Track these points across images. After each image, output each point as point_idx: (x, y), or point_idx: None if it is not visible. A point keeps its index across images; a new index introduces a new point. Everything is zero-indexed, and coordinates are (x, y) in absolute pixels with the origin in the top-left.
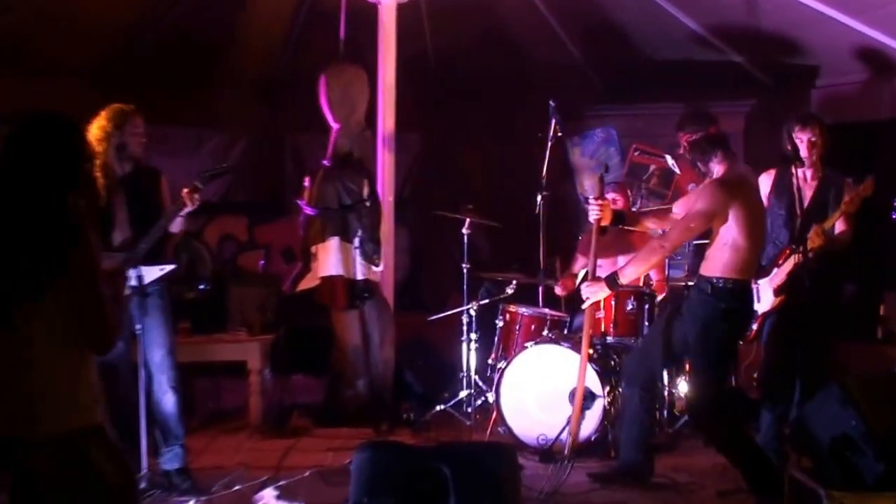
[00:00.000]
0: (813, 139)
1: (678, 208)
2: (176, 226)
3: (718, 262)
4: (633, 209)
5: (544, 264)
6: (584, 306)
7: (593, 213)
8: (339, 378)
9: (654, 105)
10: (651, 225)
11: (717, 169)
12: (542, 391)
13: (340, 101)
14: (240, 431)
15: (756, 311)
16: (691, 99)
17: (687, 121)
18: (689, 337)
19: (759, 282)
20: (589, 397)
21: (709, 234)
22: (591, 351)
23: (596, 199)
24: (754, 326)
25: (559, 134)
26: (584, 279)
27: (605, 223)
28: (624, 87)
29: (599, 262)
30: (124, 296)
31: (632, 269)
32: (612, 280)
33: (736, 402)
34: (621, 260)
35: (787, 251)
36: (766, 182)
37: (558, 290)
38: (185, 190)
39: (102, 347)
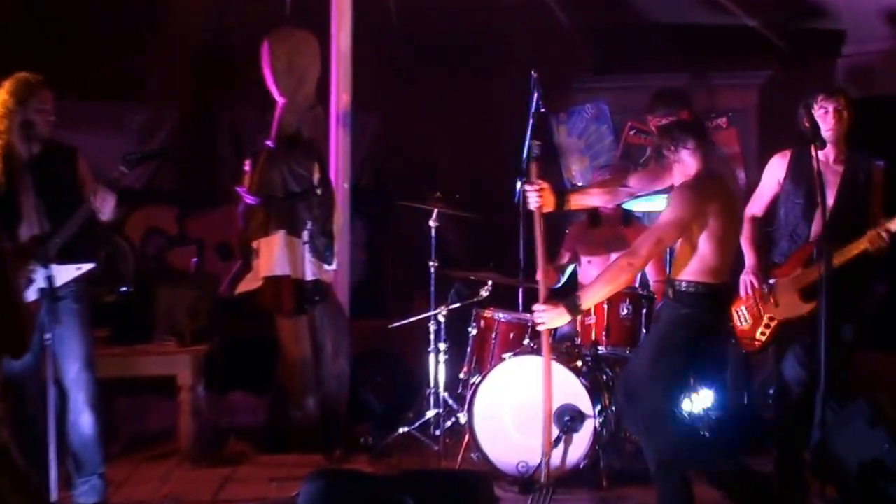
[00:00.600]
0: (839, 108)
1: (634, 181)
2: (107, 212)
3: (684, 263)
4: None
5: (525, 262)
6: (540, 330)
7: (532, 202)
8: (285, 396)
9: (653, 76)
10: (599, 201)
11: (688, 161)
12: (522, 411)
13: (286, 71)
14: (168, 458)
15: (771, 318)
16: (697, 69)
17: (657, 102)
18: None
19: (774, 281)
20: (577, 418)
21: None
22: (579, 363)
23: (531, 183)
24: (766, 338)
25: (542, 110)
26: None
27: (547, 209)
28: (618, 55)
29: (589, 259)
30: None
31: (595, 292)
32: (572, 304)
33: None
34: (612, 255)
35: (810, 248)
36: (779, 165)
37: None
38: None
39: (19, 350)
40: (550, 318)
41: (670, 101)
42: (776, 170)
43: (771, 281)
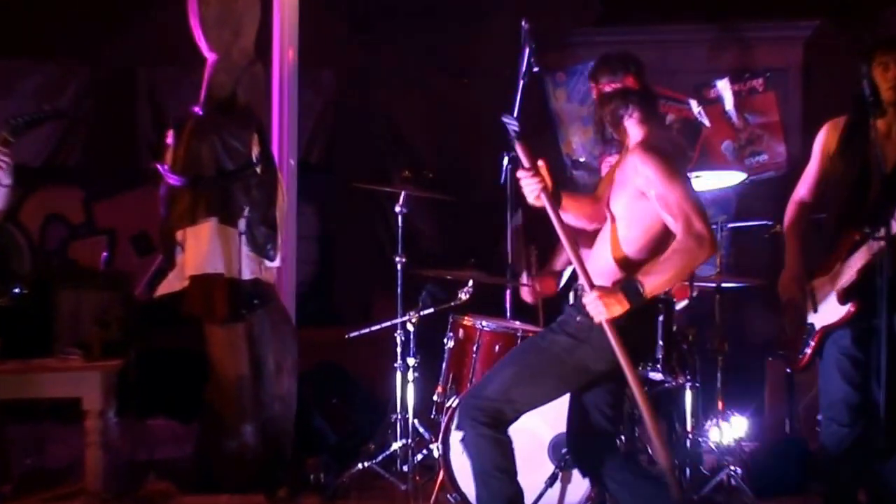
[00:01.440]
0: None
1: (617, 195)
2: None
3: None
4: None
5: (514, 257)
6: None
7: (530, 192)
8: (217, 422)
9: (672, 28)
10: (576, 220)
11: (632, 133)
12: (512, 440)
13: (219, 20)
14: (72, 499)
15: (812, 326)
16: (727, 20)
17: (599, 67)
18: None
19: (816, 283)
20: None
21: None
22: None
23: (527, 169)
24: (809, 350)
25: (535, 69)
26: (573, 280)
27: (539, 203)
28: (628, 2)
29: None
30: None
31: (662, 276)
32: (631, 289)
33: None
34: None
35: (856, 236)
36: (830, 135)
37: (527, 296)
38: None
39: None
40: (606, 305)
41: (614, 65)
42: (827, 142)
43: (815, 281)
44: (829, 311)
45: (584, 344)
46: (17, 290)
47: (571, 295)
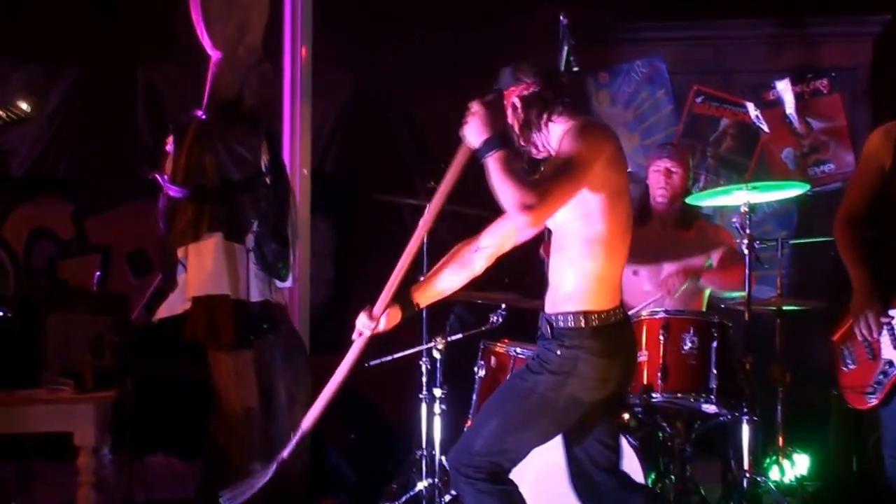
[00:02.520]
0: None
1: (487, 236)
2: None
3: (564, 285)
4: (696, 188)
5: None
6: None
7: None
8: (223, 459)
9: (729, 24)
10: (450, 283)
11: (555, 129)
12: (546, 477)
13: (224, 14)
14: None
15: (890, 363)
16: (789, 15)
17: (515, 72)
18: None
19: (893, 314)
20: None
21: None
22: (626, 416)
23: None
24: (885, 389)
25: (575, 69)
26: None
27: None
28: None
29: (635, 269)
30: None
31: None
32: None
33: None
34: (668, 266)
35: None
36: (882, 144)
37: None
38: None
39: None
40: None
41: (527, 67)
42: (878, 151)
43: (891, 312)
44: None
45: (571, 377)
46: (0, 314)
47: (546, 329)
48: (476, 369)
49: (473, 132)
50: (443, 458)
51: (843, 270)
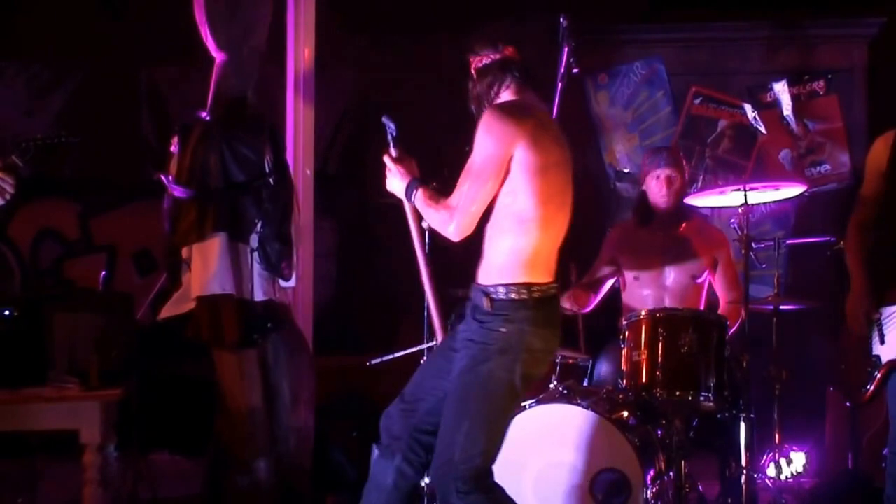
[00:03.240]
0: None
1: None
2: None
3: (497, 257)
4: (693, 189)
5: (559, 273)
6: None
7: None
8: (227, 458)
9: (726, 25)
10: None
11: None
12: (548, 477)
13: (227, 15)
14: None
15: (878, 359)
16: (786, 16)
17: (478, 41)
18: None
19: (885, 311)
20: (621, 487)
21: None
22: (624, 414)
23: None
24: (873, 384)
25: (574, 70)
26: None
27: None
28: None
29: (636, 274)
30: None
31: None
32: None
33: None
34: (669, 270)
35: None
36: (880, 151)
37: (567, 304)
38: None
39: None
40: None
41: (494, 36)
42: (877, 158)
43: (884, 310)
44: None
45: (522, 352)
46: (6, 313)
47: (482, 301)
48: None
49: (395, 185)
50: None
51: (839, 270)
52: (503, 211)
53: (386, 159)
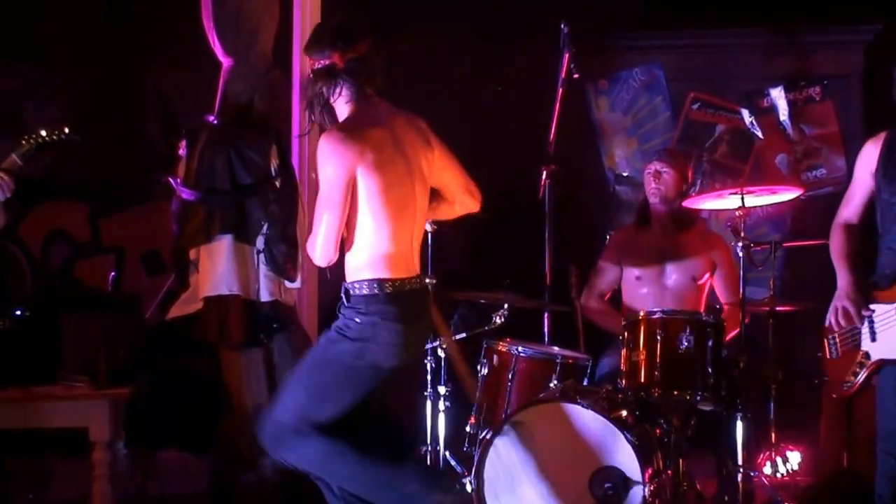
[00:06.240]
0: None
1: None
2: None
3: (351, 258)
4: (693, 191)
5: (552, 278)
6: None
7: None
8: (234, 454)
9: (724, 32)
10: None
11: (341, 114)
12: (549, 476)
13: (234, 21)
14: None
15: (867, 354)
16: (782, 23)
17: (310, 42)
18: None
19: (875, 308)
20: (620, 485)
21: None
22: (623, 413)
23: None
24: (860, 379)
25: (575, 76)
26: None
27: None
28: (677, 4)
29: (638, 273)
30: None
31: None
32: None
33: None
34: (670, 270)
35: None
36: (871, 153)
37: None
38: None
39: None
40: None
41: (322, 39)
42: (868, 160)
43: (872, 307)
44: (890, 346)
45: (371, 342)
46: (18, 313)
47: (344, 297)
48: (479, 368)
49: None
50: (447, 453)
51: (834, 273)
52: (353, 219)
53: None
